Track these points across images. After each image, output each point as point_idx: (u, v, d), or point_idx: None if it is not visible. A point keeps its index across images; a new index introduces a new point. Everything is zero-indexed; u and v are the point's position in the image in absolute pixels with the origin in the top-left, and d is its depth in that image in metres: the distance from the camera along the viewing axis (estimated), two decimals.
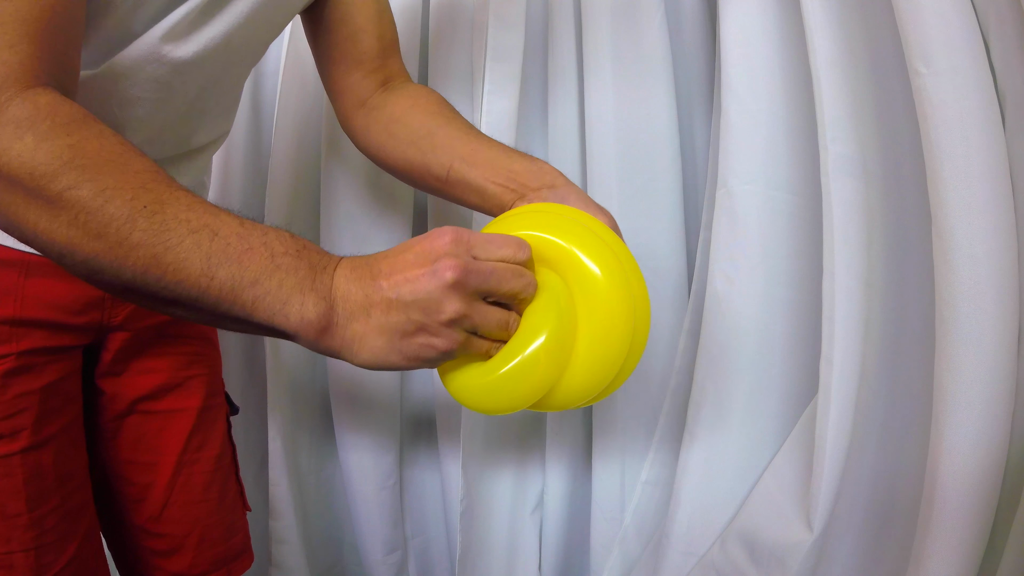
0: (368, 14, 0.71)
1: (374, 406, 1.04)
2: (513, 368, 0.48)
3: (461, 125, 0.69)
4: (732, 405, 0.79)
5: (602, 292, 0.50)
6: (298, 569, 1.06)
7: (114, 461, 0.72)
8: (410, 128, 0.69)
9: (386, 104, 0.71)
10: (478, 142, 0.66)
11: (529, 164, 0.64)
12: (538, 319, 0.49)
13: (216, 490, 0.75)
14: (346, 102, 0.74)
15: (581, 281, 0.50)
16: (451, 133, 0.67)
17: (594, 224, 0.56)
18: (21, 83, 0.42)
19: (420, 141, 0.68)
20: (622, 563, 0.92)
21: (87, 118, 0.43)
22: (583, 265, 0.50)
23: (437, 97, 0.72)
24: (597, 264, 0.50)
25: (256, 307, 0.43)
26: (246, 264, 0.42)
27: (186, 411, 0.73)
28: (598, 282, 0.50)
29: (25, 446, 0.59)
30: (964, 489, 0.54)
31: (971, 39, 0.55)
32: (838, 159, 0.66)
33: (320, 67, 0.75)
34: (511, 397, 0.50)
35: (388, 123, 0.70)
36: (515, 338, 0.49)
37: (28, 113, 0.41)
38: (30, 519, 0.59)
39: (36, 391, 0.60)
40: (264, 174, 1.05)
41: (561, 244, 0.51)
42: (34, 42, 0.43)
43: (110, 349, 0.68)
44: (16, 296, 0.59)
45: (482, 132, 0.69)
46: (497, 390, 0.49)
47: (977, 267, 0.54)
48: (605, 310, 0.50)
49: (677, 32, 0.91)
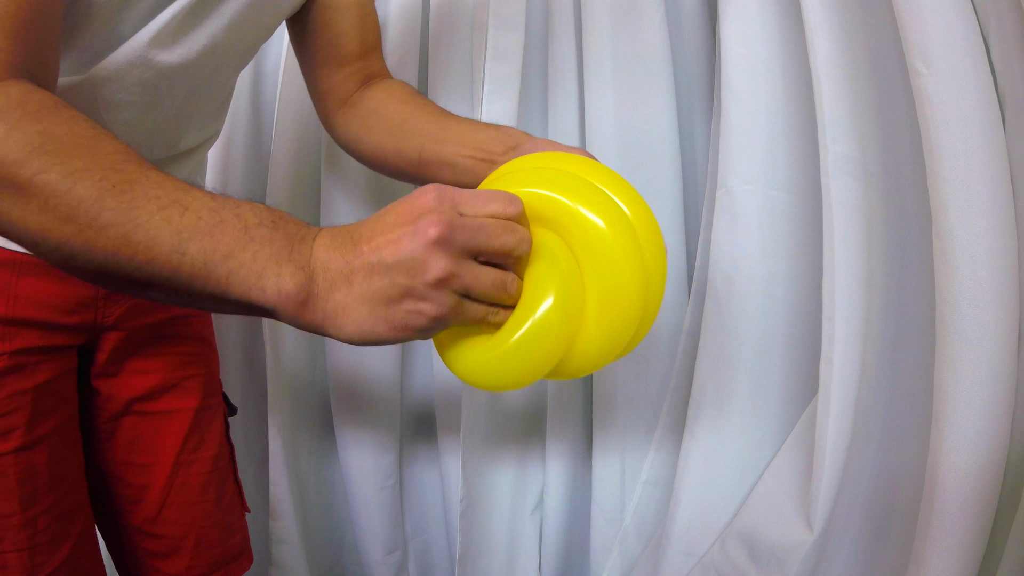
0: (351, 18, 0.72)
1: (374, 406, 1.04)
2: (524, 336, 0.44)
3: (432, 110, 0.70)
4: (732, 405, 0.79)
5: (606, 244, 0.46)
6: (298, 569, 1.06)
7: (110, 462, 0.71)
8: (383, 118, 0.70)
9: (363, 99, 0.73)
10: (447, 121, 0.67)
11: (495, 131, 0.64)
12: (541, 281, 0.45)
13: (213, 491, 0.75)
14: (329, 102, 0.75)
15: (581, 234, 0.46)
16: (421, 117, 0.68)
17: (581, 166, 0.52)
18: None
19: (394, 129, 0.69)
20: (622, 563, 0.93)
21: (58, 104, 0.42)
22: (581, 217, 0.46)
23: (410, 88, 0.74)
24: (596, 213, 0.46)
25: (231, 282, 0.41)
26: (218, 237, 0.41)
27: (182, 412, 0.73)
28: (601, 233, 0.46)
29: (18, 446, 0.59)
30: (964, 489, 0.54)
31: (971, 39, 0.55)
32: (838, 159, 0.66)
33: (304, 69, 0.76)
34: (524, 368, 0.45)
35: (364, 116, 0.72)
36: (519, 305, 0.45)
37: (0, 103, 0.40)
38: (23, 519, 0.59)
39: (29, 391, 0.60)
40: (264, 174, 1.05)
41: (554, 197, 0.46)
42: (8, 37, 0.43)
43: (104, 349, 0.68)
44: (8, 295, 0.59)
45: (451, 113, 0.70)
46: (508, 362, 0.45)
47: (977, 267, 0.54)
48: (611, 263, 0.46)
49: (677, 32, 0.91)
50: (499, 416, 1.01)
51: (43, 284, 0.61)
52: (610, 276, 0.46)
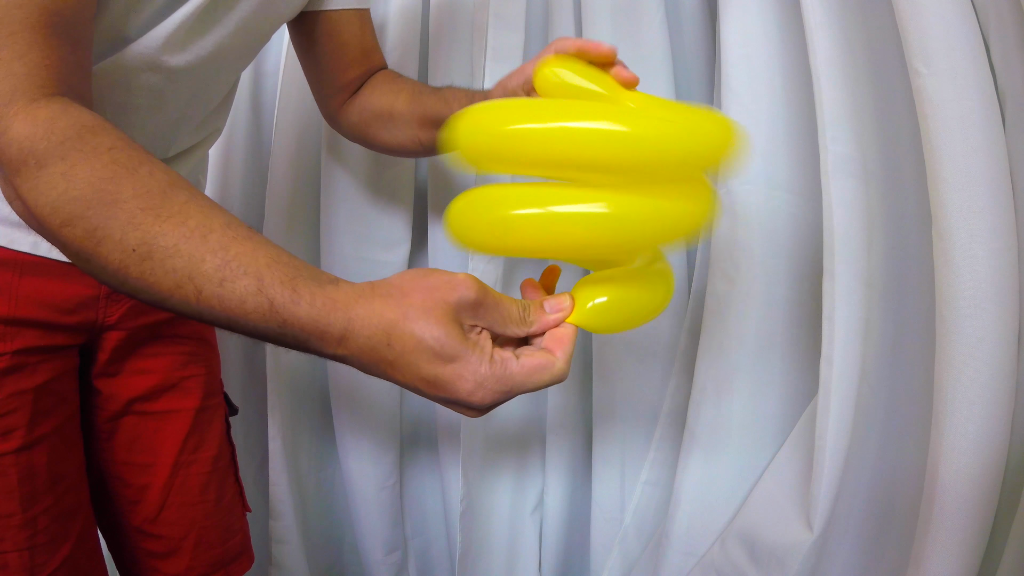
0: (352, 30, 0.76)
1: (374, 406, 1.04)
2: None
3: (411, 93, 0.77)
4: (732, 405, 0.79)
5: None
6: (298, 569, 1.06)
7: (111, 462, 0.71)
8: (373, 110, 0.78)
9: (358, 95, 0.79)
10: (424, 98, 0.75)
11: (469, 95, 0.72)
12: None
13: (213, 491, 0.75)
14: (333, 103, 0.80)
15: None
16: (404, 104, 0.76)
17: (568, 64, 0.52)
18: (27, 96, 0.42)
19: (384, 118, 0.77)
20: (622, 563, 0.92)
21: (82, 131, 0.42)
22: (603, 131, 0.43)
23: (392, 75, 0.81)
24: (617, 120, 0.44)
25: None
26: (233, 324, 0.41)
27: (182, 412, 0.73)
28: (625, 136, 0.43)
29: (18, 446, 0.59)
30: (964, 489, 0.54)
31: (971, 39, 0.55)
32: (838, 159, 0.66)
33: (307, 73, 0.80)
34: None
35: (359, 110, 0.78)
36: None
37: (27, 131, 0.41)
38: (24, 519, 0.59)
39: (29, 390, 0.60)
40: (264, 174, 1.05)
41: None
42: (42, 49, 0.43)
43: (105, 349, 0.68)
44: (9, 295, 0.59)
45: (426, 87, 0.78)
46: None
47: (977, 267, 0.54)
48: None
49: (677, 32, 0.91)
50: (499, 416, 1.01)
51: (45, 284, 0.61)
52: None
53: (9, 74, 0.42)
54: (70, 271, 0.62)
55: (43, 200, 0.40)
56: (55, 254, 0.60)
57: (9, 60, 0.42)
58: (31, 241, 0.59)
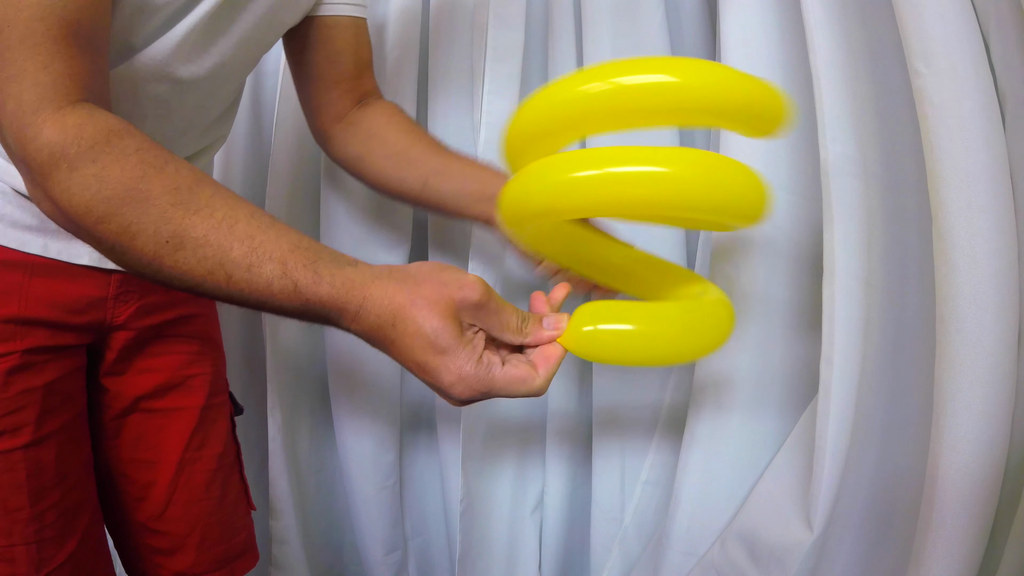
0: (347, 38, 0.75)
1: (374, 406, 1.04)
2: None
3: (430, 142, 0.76)
4: (732, 405, 0.79)
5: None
6: (298, 569, 1.06)
7: (117, 459, 0.72)
8: (386, 143, 0.74)
9: (363, 120, 0.77)
10: (446, 156, 0.74)
11: (491, 172, 0.71)
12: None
13: (218, 489, 0.75)
14: (323, 117, 0.78)
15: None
16: (423, 149, 0.74)
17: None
18: (54, 104, 0.44)
19: (396, 157, 0.74)
20: (622, 563, 0.93)
21: (110, 135, 0.45)
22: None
23: (406, 116, 0.79)
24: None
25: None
26: (262, 304, 0.46)
27: (187, 410, 0.74)
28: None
29: (27, 442, 0.60)
30: (964, 489, 0.54)
31: (971, 39, 0.55)
32: (838, 159, 0.66)
33: (298, 84, 0.79)
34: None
35: (366, 138, 0.76)
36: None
37: (58, 138, 0.44)
38: (31, 513, 0.60)
39: (38, 388, 0.61)
40: (264, 174, 1.05)
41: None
42: (65, 58, 0.45)
43: (113, 348, 0.69)
44: (20, 296, 0.60)
45: (447, 147, 0.76)
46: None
47: (977, 267, 0.54)
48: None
49: (677, 32, 0.91)
50: (499, 416, 1.01)
51: (54, 285, 0.62)
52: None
53: (35, 84, 0.44)
54: (79, 273, 0.63)
55: (77, 201, 0.44)
56: (64, 256, 0.62)
57: (35, 71, 0.44)
58: (41, 243, 0.61)
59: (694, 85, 0.47)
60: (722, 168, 0.49)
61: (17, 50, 0.44)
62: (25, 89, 0.44)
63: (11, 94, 0.44)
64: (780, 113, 0.51)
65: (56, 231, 0.61)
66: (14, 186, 0.59)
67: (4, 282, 0.60)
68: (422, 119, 1.01)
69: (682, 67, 0.48)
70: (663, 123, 0.51)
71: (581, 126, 0.51)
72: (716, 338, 0.55)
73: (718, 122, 0.55)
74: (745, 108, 0.50)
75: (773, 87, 0.50)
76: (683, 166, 0.48)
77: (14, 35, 0.44)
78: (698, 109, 0.49)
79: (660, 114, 0.49)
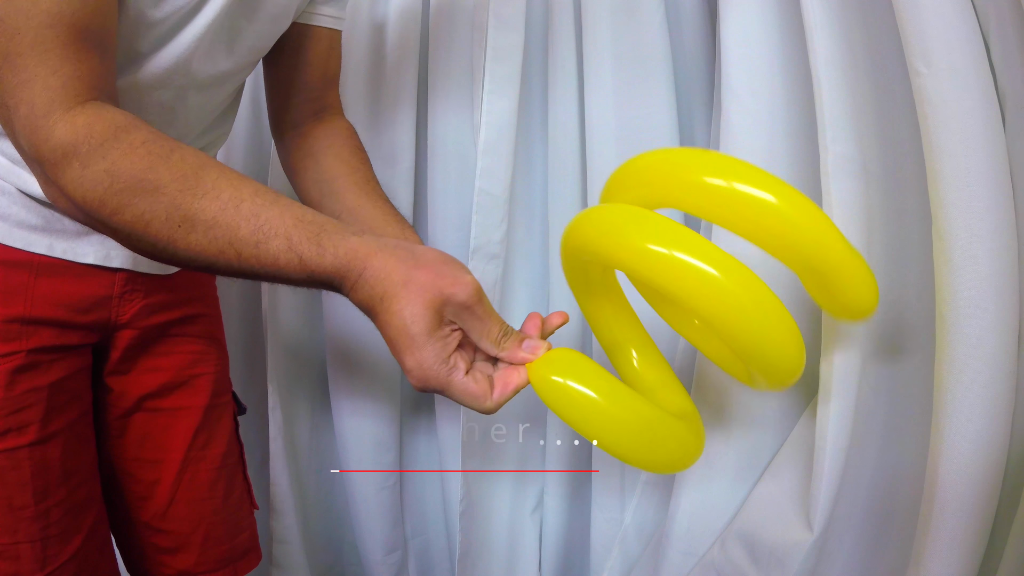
0: (319, 50, 0.75)
1: (375, 407, 1.04)
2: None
3: (359, 178, 0.73)
4: (732, 405, 0.79)
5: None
6: (298, 569, 1.06)
7: (121, 458, 0.73)
8: (319, 168, 0.74)
9: (310, 136, 0.77)
10: (366, 199, 0.71)
11: (398, 231, 0.67)
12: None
13: (222, 488, 0.76)
14: (278, 120, 0.79)
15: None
16: (347, 184, 0.72)
17: None
18: (64, 105, 0.47)
19: (321, 183, 0.73)
20: (622, 563, 0.92)
21: (118, 131, 0.47)
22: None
23: (352, 143, 0.77)
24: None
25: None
26: (272, 276, 0.49)
27: (191, 409, 0.74)
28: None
29: (33, 440, 0.60)
30: (964, 489, 0.54)
31: (971, 39, 0.55)
32: (838, 159, 0.66)
33: (266, 83, 0.79)
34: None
35: (304, 156, 0.76)
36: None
37: (69, 137, 0.46)
38: (36, 511, 0.60)
39: (44, 387, 0.61)
40: (264, 174, 1.05)
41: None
42: (74, 62, 0.47)
43: (118, 347, 0.69)
44: (26, 296, 0.61)
45: (376, 188, 0.73)
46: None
47: (977, 267, 0.54)
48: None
49: (677, 32, 0.91)
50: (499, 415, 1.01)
51: (60, 284, 0.62)
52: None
53: (46, 88, 0.46)
54: (84, 272, 0.64)
55: (91, 195, 0.46)
56: (70, 256, 0.63)
57: (45, 76, 0.46)
58: (46, 243, 0.61)
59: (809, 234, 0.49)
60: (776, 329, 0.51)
61: (28, 56, 0.46)
62: (36, 93, 0.46)
63: (23, 99, 0.46)
64: (866, 304, 0.51)
65: (61, 231, 0.62)
66: (19, 187, 0.59)
67: (10, 282, 0.60)
68: (422, 119, 1.01)
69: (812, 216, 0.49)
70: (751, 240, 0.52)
71: (677, 201, 0.52)
72: (667, 463, 0.54)
73: (804, 277, 0.55)
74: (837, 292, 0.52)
75: (870, 276, 0.50)
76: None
77: (25, 42, 0.46)
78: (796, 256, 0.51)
79: (754, 231, 0.51)
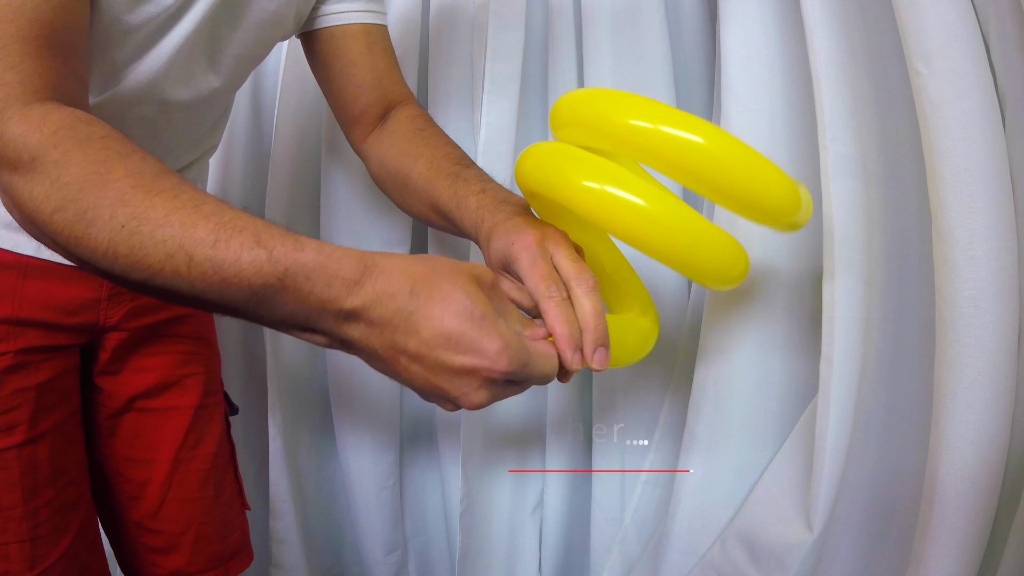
0: (359, 48, 0.70)
1: (374, 406, 1.04)
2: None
3: (425, 167, 0.66)
4: (732, 405, 0.79)
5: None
6: (298, 569, 1.06)
7: (112, 459, 0.72)
8: (391, 168, 0.70)
9: (378, 140, 0.72)
10: (439, 183, 0.64)
11: (493, 201, 0.60)
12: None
13: (212, 488, 0.75)
14: (352, 136, 0.75)
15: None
16: (420, 180, 0.66)
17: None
18: (21, 101, 0.43)
19: (399, 182, 0.69)
20: (622, 563, 0.92)
21: (75, 123, 0.43)
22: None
23: (414, 129, 0.70)
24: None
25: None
26: (228, 294, 0.40)
27: (182, 409, 0.74)
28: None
29: (21, 440, 0.60)
30: (964, 489, 0.54)
31: (971, 39, 0.55)
32: (838, 159, 0.66)
33: (326, 98, 0.75)
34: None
35: (380, 162, 0.71)
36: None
37: (21, 129, 0.42)
38: (25, 511, 0.60)
39: (32, 388, 0.61)
40: (264, 174, 1.05)
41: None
42: (34, 59, 0.45)
43: (107, 348, 0.69)
44: (14, 297, 0.61)
45: (444, 165, 0.65)
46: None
47: (977, 267, 0.54)
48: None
49: (677, 32, 0.91)
50: (499, 416, 1.01)
51: (48, 286, 0.62)
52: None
53: (2, 84, 0.44)
54: (72, 275, 0.64)
55: (37, 191, 0.41)
56: (58, 258, 0.62)
57: (2, 71, 0.44)
58: (35, 245, 0.61)
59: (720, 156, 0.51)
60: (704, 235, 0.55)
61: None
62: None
63: None
64: (792, 211, 0.55)
65: None
66: None
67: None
68: None
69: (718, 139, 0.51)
70: (679, 181, 0.55)
71: (606, 141, 0.54)
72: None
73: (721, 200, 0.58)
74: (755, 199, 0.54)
75: (793, 184, 0.54)
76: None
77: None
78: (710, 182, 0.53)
79: (682, 173, 0.53)
